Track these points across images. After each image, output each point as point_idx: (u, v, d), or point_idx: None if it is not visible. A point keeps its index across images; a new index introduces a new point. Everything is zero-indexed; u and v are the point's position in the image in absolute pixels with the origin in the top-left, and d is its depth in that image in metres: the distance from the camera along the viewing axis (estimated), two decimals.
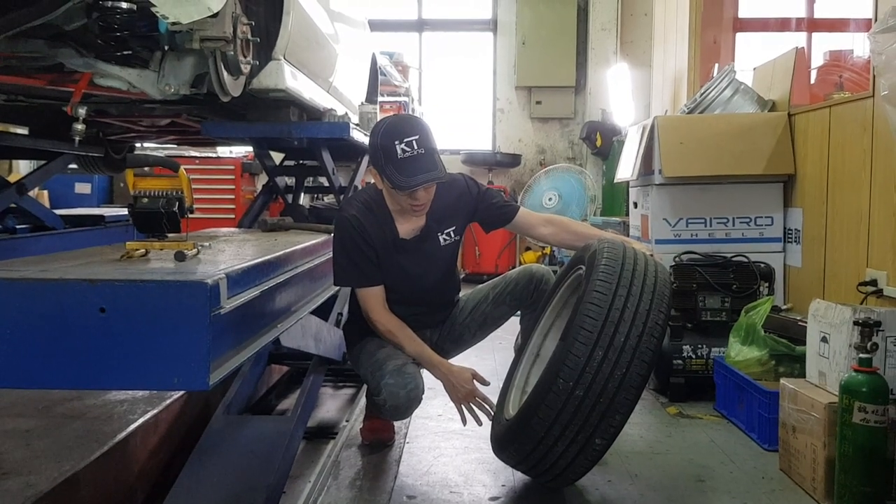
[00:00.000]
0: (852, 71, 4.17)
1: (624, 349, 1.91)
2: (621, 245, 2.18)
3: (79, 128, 1.97)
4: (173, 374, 1.32)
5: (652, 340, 1.95)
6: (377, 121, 2.31)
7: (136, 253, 1.67)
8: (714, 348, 3.14)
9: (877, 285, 2.61)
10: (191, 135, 3.80)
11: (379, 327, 2.43)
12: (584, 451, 1.96)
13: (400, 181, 2.21)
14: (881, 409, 1.98)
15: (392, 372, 2.33)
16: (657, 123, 3.49)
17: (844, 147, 2.94)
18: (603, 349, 1.91)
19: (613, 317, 1.94)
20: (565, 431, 1.94)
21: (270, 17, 2.52)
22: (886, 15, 2.04)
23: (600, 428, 1.93)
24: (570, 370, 1.90)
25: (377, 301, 2.42)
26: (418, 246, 2.45)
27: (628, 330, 1.93)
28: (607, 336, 1.92)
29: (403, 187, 2.22)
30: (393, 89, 7.30)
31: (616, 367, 1.90)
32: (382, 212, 2.41)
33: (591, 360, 1.90)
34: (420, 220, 2.45)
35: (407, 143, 2.18)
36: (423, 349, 2.42)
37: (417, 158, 2.19)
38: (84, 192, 6.79)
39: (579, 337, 1.92)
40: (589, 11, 7.59)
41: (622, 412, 1.93)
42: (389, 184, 2.26)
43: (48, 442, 2.20)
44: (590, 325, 1.93)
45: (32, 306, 1.31)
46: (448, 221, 2.49)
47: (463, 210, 2.51)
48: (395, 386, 2.30)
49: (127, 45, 1.94)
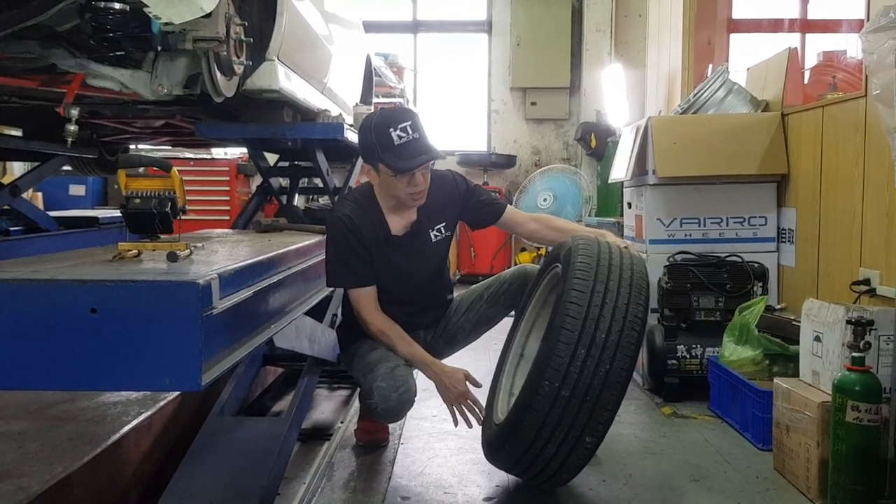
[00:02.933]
0: (845, 71, 4.17)
1: (606, 345, 1.91)
2: (595, 241, 2.17)
3: (71, 129, 1.97)
4: (165, 374, 1.32)
5: (633, 334, 1.94)
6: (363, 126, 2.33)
7: (128, 254, 1.66)
8: (708, 348, 3.15)
9: (870, 284, 2.61)
10: (185, 136, 3.80)
11: (371, 328, 2.42)
12: (576, 450, 1.96)
13: (402, 165, 2.23)
14: (874, 407, 1.99)
15: (384, 375, 2.32)
16: (651, 124, 3.50)
17: (837, 147, 2.94)
18: (585, 347, 1.90)
19: (593, 314, 1.93)
20: (555, 432, 1.94)
21: (264, 17, 2.52)
22: (878, 15, 2.05)
23: (589, 426, 1.93)
24: (555, 371, 1.90)
25: (369, 301, 2.42)
26: (410, 242, 2.46)
27: (609, 326, 1.92)
28: (588, 334, 1.91)
29: (407, 169, 2.24)
30: (388, 90, 7.30)
31: (600, 364, 1.90)
32: (374, 208, 2.42)
33: (574, 360, 1.90)
34: (411, 216, 2.45)
35: (402, 128, 2.22)
36: (415, 350, 2.41)
37: (414, 142, 2.23)
38: (78, 193, 6.77)
39: (561, 337, 1.92)
40: (583, 12, 7.61)
41: (609, 408, 1.93)
42: (390, 170, 2.26)
43: (40, 444, 2.19)
44: (570, 325, 1.92)
45: (24, 307, 1.30)
46: (438, 217, 2.50)
47: (452, 206, 2.52)
48: (386, 389, 2.29)
49: (120, 45, 1.93)
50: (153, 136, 3.92)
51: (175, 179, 1.72)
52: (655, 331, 3.24)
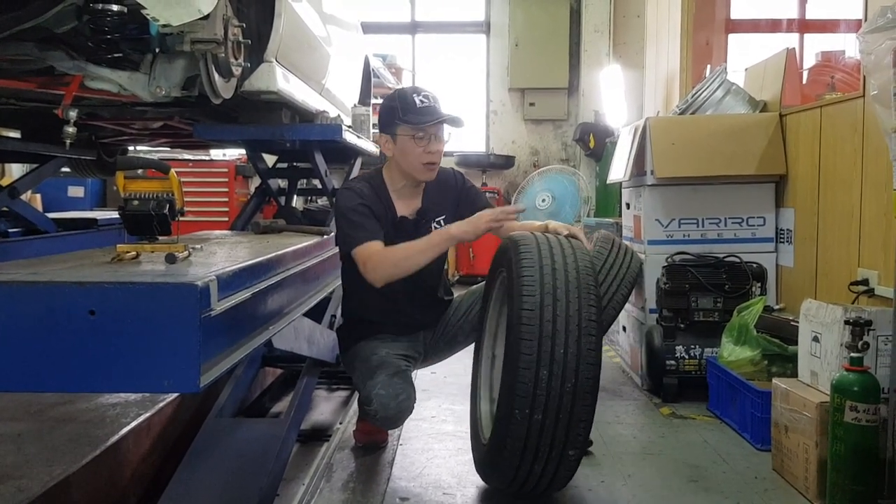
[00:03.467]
0: (844, 71, 4.18)
1: (567, 360, 1.89)
2: (534, 243, 2.08)
3: (70, 130, 1.97)
4: (164, 376, 1.32)
5: (591, 339, 1.92)
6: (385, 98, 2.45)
7: (126, 255, 1.66)
8: (707, 348, 3.15)
9: (868, 285, 2.61)
10: (183, 137, 3.80)
11: (385, 269, 2.27)
12: (562, 464, 1.97)
13: (422, 120, 2.33)
14: (872, 407, 1.99)
15: (383, 382, 2.32)
16: (649, 124, 3.50)
17: (835, 147, 2.95)
18: (546, 367, 1.88)
19: (546, 331, 1.90)
20: (538, 454, 1.94)
21: (262, 19, 2.52)
22: (875, 15, 2.05)
23: (569, 441, 1.93)
24: (522, 399, 1.89)
25: (378, 249, 2.31)
26: (415, 227, 2.48)
27: (565, 339, 1.90)
28: (546, 353, 1.89)
29: (429, 121, 2.34)
30: (386, 91, 7.28)
31: (565, 381, 1.88)
32: (382, 190, 2.47)
33: (538, 383, 1.88)
34: (416, 202, 2.50)
35: (423, 95, 2.38)
36: (429, 238, 2.32)
37: (434, 106, 2.38)
38: (77, 195, 6.77)
39: (520, 363, 1.89)
40: (582, 13, 7.61)
41: (584, 419, 1.93)
42: (410, 129, 2.35)
43: (39, 446, 2.18)
44: (527, 348, 1.89)
45: (22, 309, 1.30)
46: (439, 209, 2.54)
47: (451, 199, 2.57)
48: (385, 397, 2.29)
49: (117, 47, 1.93)
50: (151, 137, 3.91)
51: (173, 181, 1.72)
52: (654, 331, 3.24)
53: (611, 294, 2.99)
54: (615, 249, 3.17)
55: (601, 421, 2.94)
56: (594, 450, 2.60)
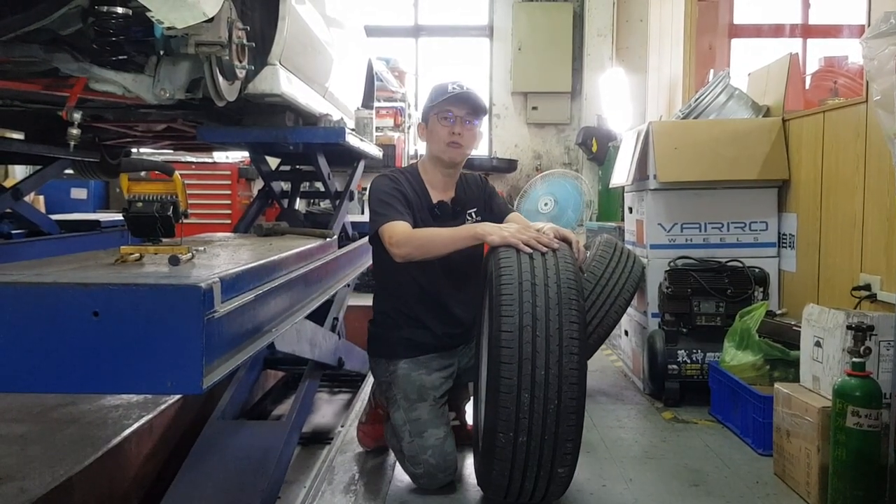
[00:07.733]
0: (847, 77, 4.19)
1: (549, 382, 1.87)
2: (515, 259, 2.03)
3: (74, 132, 1.98)
4: (167, 377, 1.32)
5: (573, 359, 1.89)
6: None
7: (130, 257, 1.67)
8: (709, 353, 3.14)
9: (870, 290, 2.61)
10: (187, 140, 3.80)
11: (406, 246, 2.26)
12: (552, 481, 1.97)
13: (451, 96, 2.42)
14: (874, 413, 1.98)
15: (434, 448, 2.28)
16: (652, 129, 3.50)
17: (838, 152, 2.95)
18: (528, 391, 1.87)
19: (526, 353, 1.87)
20: (526, 473, 1.95)
21: (266, 21, 2.53)
22: (878, 21, 2.05)
23: (557, 460, 1.92)
24: (506, 422, 1.88)
25: (404, 228, 2.31)
26: (452, 213, 2.53)
27: (546, 360, 1.87)
28: (527, 376, 1.87)
29: (455, 92, 2.42)
30: (389, 95, 7.32)
31: (547, 403, 1.87)
32: (417, 180, 2.52)
33: (521, 406, 1.87)
34: (450, 193, 2.55)
35: (457, 84, 2.48)
36: (457, 230, 2.32)
37: (467, 93, 2.46)
38: (80, 197, 6.78)
39: (501, 387, 1.88)
40: (585, 17, 7.63)
41: (571, 438, 1.92)
42: (437, 109, 2.45)
43: (42, 447, 2.19)
44: (507, 372, 1.88)
45: (26, 310, 1.31)
46: (472, 203, 2.59)
47: (480, 197, 2.63)
48: (436, 468, 2.28)
49: (122, 49, 1.94)
50: (155, 139, 3.92)
51: (177, 183, 1.73)
52: (656, 335, 3.24)
53: (613, 298, 3.00)
54: (617, 254, 3.18)
55: (603, 425, 2.94)
56: (596, 453, 2.60)
